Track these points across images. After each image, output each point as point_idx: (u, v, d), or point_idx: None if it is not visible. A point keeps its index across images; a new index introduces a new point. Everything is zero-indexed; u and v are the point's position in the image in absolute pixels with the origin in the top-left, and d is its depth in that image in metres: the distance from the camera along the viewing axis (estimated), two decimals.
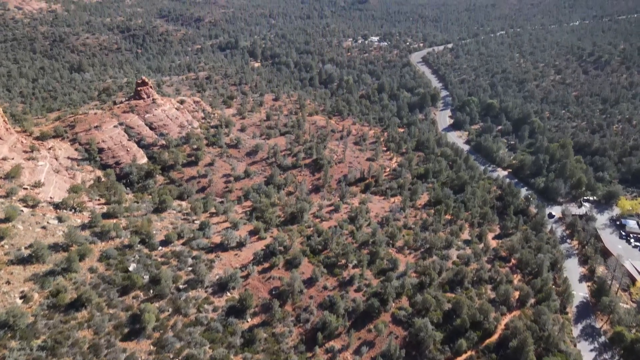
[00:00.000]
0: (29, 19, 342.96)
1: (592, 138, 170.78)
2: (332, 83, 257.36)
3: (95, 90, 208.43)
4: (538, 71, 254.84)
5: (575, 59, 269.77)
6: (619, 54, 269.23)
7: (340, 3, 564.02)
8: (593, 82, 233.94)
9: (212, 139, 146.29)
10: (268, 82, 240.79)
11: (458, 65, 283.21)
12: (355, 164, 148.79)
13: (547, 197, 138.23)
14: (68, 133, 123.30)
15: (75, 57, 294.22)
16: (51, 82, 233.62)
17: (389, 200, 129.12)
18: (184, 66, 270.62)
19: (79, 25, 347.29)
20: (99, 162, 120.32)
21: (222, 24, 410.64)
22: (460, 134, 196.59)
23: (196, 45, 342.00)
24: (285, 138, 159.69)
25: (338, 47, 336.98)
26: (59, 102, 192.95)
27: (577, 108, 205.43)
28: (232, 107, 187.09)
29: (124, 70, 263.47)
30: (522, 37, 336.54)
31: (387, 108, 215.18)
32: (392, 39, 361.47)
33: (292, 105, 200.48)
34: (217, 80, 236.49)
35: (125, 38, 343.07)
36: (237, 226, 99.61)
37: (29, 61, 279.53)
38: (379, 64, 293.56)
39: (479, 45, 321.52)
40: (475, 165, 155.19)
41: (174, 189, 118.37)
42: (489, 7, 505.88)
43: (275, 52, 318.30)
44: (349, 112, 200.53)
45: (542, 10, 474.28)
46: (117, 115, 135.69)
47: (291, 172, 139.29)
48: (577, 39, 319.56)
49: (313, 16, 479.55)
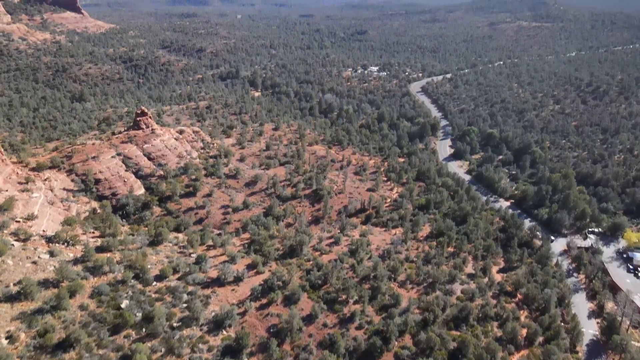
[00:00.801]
0: (32, 49, 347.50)
1: (594, 168, 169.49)
2: (332, 112, 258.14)
3: (95, 120, 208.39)
4: (537, 101, 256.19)
5: (574, 89, 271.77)
6: (617, 84, 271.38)
7: (339, 34, 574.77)
8: (592, 112, 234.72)
9: (210, 170, 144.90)
10: (268, 112, 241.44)
11: (457, 95, 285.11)
12: (356, 194, 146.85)
13: (551, 228, 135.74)
14: (65, 164, 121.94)
15: (77, 86, 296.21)
16: (52, 112, 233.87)
17: (390, 232, 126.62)
18: (184, 96, 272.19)
19: (82, 55, 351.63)
20: (95, 193, 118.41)
21: (223, 54, 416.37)
22: (461, 163, 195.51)
23: (197, 75, 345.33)
24: (284, 168, 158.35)
25: (338, 77, 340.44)
26: (59, 132, 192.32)
27: (577, 138, 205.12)
28: (232, 136, 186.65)
29: (125, 100, 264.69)
30: (519, 68, 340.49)
31: (387, 137, 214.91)
32: (391, 69, 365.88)
33: (292, 134, 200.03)
34: (217, 110, 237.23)
35: (127, 68, 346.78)
36: (235, 260, 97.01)
37: (31, 91, 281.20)
38: (379, 94, 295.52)
39: (478, 76, 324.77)
40: (477, 195, 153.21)
41: (171, 220, 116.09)
42: (486, 39, 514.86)
43: (275, 81, 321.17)
44: (349, 141, 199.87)
45: (538, 42, 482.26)
46: (116, 145, 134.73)
47: (290, 203, 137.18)
48: (574, 69, 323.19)
49: (313, 47, 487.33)
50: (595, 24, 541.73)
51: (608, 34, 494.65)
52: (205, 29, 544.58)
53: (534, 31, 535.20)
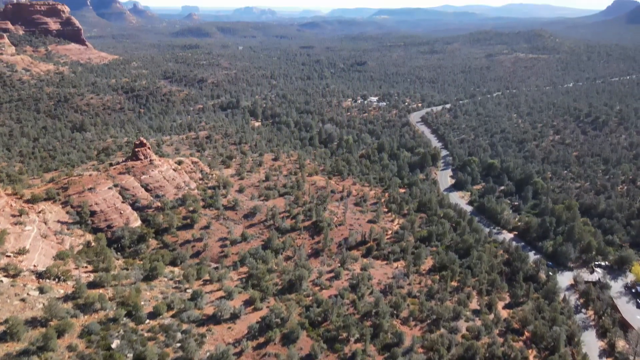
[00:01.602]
0: (35, 80, 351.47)
1: (598, 199, 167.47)
2: (332, 142, 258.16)
3: (94, 150, 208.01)
4: (537, 131, 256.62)
5: (573, 120, 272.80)
6: (616, 114, 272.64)
7: (339, 65, 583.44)
8: (593, 143, 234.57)
9: (209, 201, 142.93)
10: (268, 142, 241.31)
11: (457, 125, 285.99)
12: (356, 226, 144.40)
13: (557, 261, 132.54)
14: (60, 195, 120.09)
15: (78, 116, 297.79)
16: (52, 142, 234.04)
17: (392, 265, 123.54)
18: (185, 125, 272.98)
19: (84, 86, 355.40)
20: (90, 225, 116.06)
21: (224, 84, 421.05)
22: (463, 194, 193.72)
23: (198, 105, 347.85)
24: (284, 199, 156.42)
25: (338, 107, 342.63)
26: (57, 162, 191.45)
27: (578, 168, 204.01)
28: (231, 167, 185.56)
29: (125, 130, 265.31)
30: (518, 98, 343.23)
31: (387, 168, 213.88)
32: (390, 99, 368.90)
33: (291, 165, 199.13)
34: (217, 140, 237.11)
35: (129, 98, 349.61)
36: (232, 295, 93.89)
37: (32, 120, 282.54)
38: (379, 124, 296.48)
39: (477, 106, 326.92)
40: (480, 227, 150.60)
41: (167, 254, 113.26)
42: (483, 70, 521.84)
43: (275, 111, 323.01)
44: (349, 172, 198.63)
45: (535, 73, 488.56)
46: (113, 176, 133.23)
47: (290, 235, 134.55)
48: (572, 100, 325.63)
49: (313, 77, 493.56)
50: (591, 56, 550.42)
51: (604, 65, 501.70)
52: (207, 60, 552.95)
53: (531, 62, 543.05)
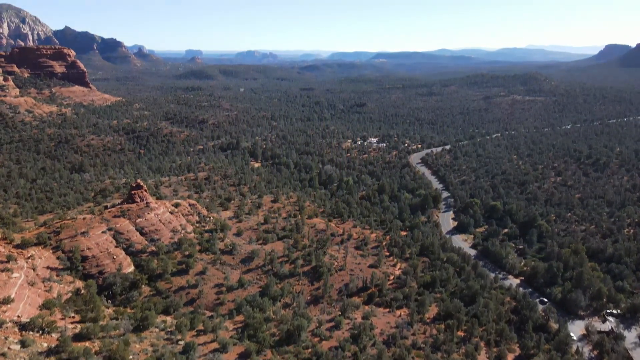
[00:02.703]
0: (38, 121, 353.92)
1: (605, 243, 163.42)
2: (332, 184, 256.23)
3: (92, 192, 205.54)
4: (538, 173, 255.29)
5: (574, 161, 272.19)
6: (616, 156, 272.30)
7: (339, 106, 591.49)
8: (595, 185, 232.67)
9: (205, 245, 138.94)
10: (267, 183, 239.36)
11: (457, 166, 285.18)
12: (357, 271, 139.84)
13: (567, 309, 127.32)
14: (52, 240, 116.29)
15: (78, 157, 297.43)
16: (49, 183, 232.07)
17: (395, 314, 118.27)
18: (184, 166, 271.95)
19: (85, 127, 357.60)
20: (81, 271, 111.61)
21: (225, 125, 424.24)
22: (465, 237, 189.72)
23: (198, 146, 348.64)
24: (283, 243, 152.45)
25: (337, 148, 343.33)
26: (53, 204, 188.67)
27: (582, 211, 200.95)
28: (230, 209, 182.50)
29: (124, 171, 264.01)
30: (517, 140, 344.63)
31: (388, 210, 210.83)
32: (390, 140, 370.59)
33: (291, 207, 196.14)
34: (216, 181, 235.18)
35: (129, 139, 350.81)
36: (227, 348, 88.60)
37: (32, 161, 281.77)
38: (379, 165, 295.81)
39: (476, 147, 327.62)
40: (485, 272, 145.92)
41: (160, 301, 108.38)
42: (482, 111, 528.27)
43: (275, 152, 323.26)
44: (349, 214, 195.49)
45: (533, 115, 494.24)
46: (107, 220, 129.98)
47: (288, 281, 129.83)
48: (572, 141, 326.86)
49: (313, 118, 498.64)
50: (587, 98, 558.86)
51: (600, 107, 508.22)
52: (209, 102, 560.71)
53: (528, 104, 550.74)
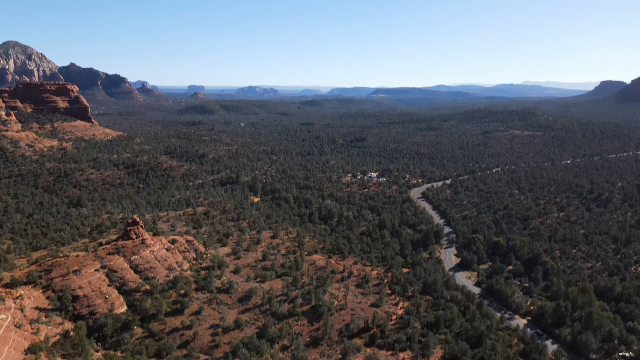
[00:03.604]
0: (38, 155, 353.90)
1: (613, 282, 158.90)
2: (332, 219, 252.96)
3: (88, 227, 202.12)
4: (540, 208, 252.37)
5: (576, 196, 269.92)
6: (619, 191, 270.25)
7: (339, 141, 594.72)
8: (599, 220, 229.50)
9: (202, 283, 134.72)
10: (267, 218, 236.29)
11: (458, 201, 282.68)
12: (358, 310, 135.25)
13: (577, 352, 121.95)
14: (43, 278, 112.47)
15: (76, 192, 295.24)
16: (46, 218, 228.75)
17: (398, 356, 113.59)
18: (183, 201, 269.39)
19: (85, 161, 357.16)
20: (71, 312, 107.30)
21: (225, 159, 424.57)
22: (469, 274, 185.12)
23: (198, 180, 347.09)
24: (282, 281, 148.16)
25: (337, 183, 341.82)
26: (48, 240, 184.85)
27: (588, 247, 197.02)
28: (228, 245, 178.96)
29: (122, 205, 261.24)
30: (518, 174, 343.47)
31: (389, 246, 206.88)
32: (390, 174, 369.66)
33: (290, 243, 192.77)
34: (215, 216, 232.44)
35: (129, 173, 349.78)
36: None
37: (29, 196, 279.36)
38: (379, 200, 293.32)
39: (477, 182, 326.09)
40: (490, 312, 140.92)
41: (152, 344, 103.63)
42: (481, 146, 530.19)
43: (275, 187, 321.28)
44: (349, 250, 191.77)
45: (532, 149, 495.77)
46: (101, 257, 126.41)
47: (287, 321, 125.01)
48: (573, 176, 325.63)
49: (313, 153, 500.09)
50: (586, 133, 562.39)
51: (599, 142, 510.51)
52: (209, 136, 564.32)
53: (527, 139, 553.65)
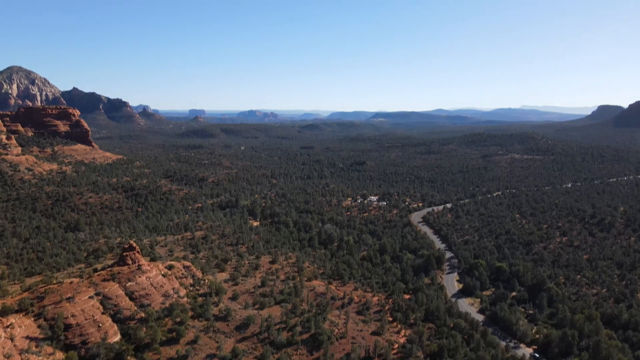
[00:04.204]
0: (37, 179, 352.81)
1: (619, 309, 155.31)
2: (332, 243, 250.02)
3: (84, 252, 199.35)
4: (543, 233, 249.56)
5: (578, 221, 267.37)
6: (621, 216, 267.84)
7: (339, 164, 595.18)
8: (602, 245, 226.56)
9: (198, 310, 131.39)
10: (266, 242, 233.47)
11: (460, 225, 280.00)
12: (359, 339, 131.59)
13: None
14: (35, 306, 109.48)
15: (74, 215, 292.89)
16: (42, 242, 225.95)
17: None
18: (181, 225, 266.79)
19: (84, 185, 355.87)
20: (63, 341, 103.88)
21: (224, 183, 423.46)
22: (472, 301, 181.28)
23: (197, 204, 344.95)
24: (280, 308, 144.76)
25: (337, 207, 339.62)
26: (43, 265, 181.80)
27: (592, 273, 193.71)
28: (226, 271, 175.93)
29: (120, 230, 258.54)
30: (519, 198, 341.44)
31: (390, 271, 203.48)
32: (391, 198, 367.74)
33: (289, 268, 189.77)
34: (214, 240, 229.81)
35: (128, 197, 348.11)
36: None
37: (27, 220, 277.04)
38: (379, 224, 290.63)
39: (478, 206, 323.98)
40: (495, 341, 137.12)
41: None
42: (481, 170, 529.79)
43: (275, 210, 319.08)
44: (350, 275, 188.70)
45: (532, 173, 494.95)
46: (96, 284, 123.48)
47: (286, 350, 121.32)
48: (574, 200, 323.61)
49: (313, 176, 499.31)
50: (585, 157, 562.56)
51: (599, 166, 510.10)
52: (209, 160, 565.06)
53: (527, 163, 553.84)
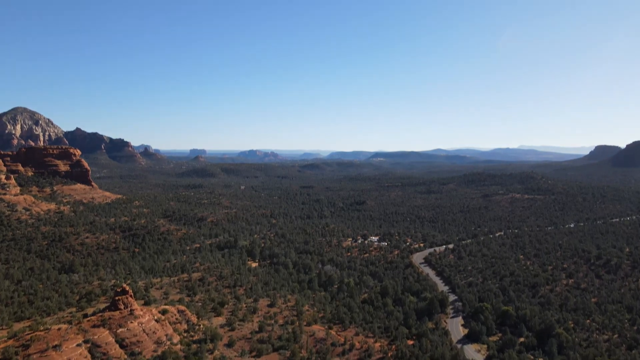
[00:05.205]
0: (34, 219, 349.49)
1: (632, 356, 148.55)
2: (332, 285, 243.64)
3: (77, 295, 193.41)
4: (548, 274, 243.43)
5: (584, 262, 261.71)
6: (627, 257, 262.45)
7: (339, 204, 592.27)
8: (610, 288, 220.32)
9: (192, 358, 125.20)
10: (264, 285, 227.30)
11: (462, 266, 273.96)
12: None
13: None
14: (20, 355, 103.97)
15: (69, 256, 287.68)
16: (35, 284, 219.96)
17: None
18: (178, 266, 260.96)
19: (82, 225, 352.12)
20: None
21: (223, 223, 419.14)
22: (479, 347, 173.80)
23: (195, 244, 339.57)
24: (278, 355, 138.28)
25: (338, 247, 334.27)
26: (34, 309, 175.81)
27: (602, 317, 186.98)
28: (222, 315, 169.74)
29: (115, 271, 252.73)
30: (522, 239, 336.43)
31: (392, 315, 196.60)
32: (391, 238, 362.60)
33: (288, 312, 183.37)
34: (211, 282, 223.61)
35: (125, 237, 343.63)
36: None
37: (21, 261, 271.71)
38: (381, 265, 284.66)
39: (481, 246, 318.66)
40: None
41: None
42: (482, 209, 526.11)
43: (274, 251, 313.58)
44: (351, 319, 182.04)
45: (534, 213, 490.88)
46: (85, 330, 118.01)
47: None
48: (578, 241, 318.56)
49: (313, 216, 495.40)
50: (586, 197, 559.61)
51: (601, 206, 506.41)
52: (209, 199, 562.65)
53: (528, 203, 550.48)
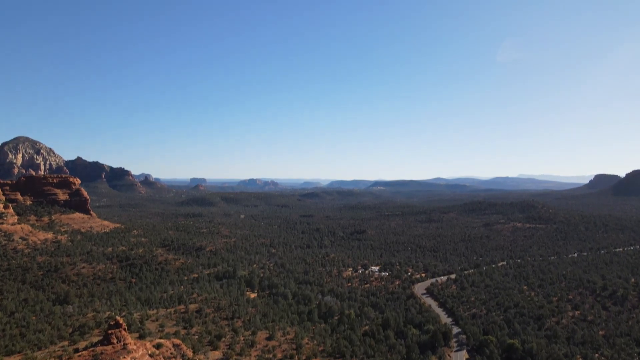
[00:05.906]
0: (30, 249, 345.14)
1: None
2: (332, 317, 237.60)
3: (70, 327, 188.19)
4: (553, 306, 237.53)
5: (589, 293, 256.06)
6: (633, 287, 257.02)
7: (339, 233, 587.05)
8: (617, 320, 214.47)
9: None
10: (263, 316, 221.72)
11: (465, 297, 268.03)
12: None
13: None
14: None
15: (65, 287, 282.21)
16: (27, 317, 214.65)
17: None
18: (175, 297, 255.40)
19: (79, 254, 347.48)
20: None
21: (222, 252, 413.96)
22: None
23: (193, 274, 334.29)
24: None
25: (338, 277, 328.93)
26: (25, 342, 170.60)
27: (610, 351, 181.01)
28: (219, 348, 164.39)
29: (110, 302, 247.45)
30: (525, 269, 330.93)
31: (394, 348, 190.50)
32: (392, 268, 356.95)
33: (287, 345, 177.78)
34: (208, 314, 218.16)
35: (122, 267, 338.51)
36: None
37: (14, 292, 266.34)
38: (382, 296, 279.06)
39: (483, 277, 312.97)
40: None
41: None
42: (483, 238, 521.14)
43: (273, 282, 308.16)
44: (352, 353, 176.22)
45: (536, 242, 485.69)
46: None
47: None
48: (582, 271, 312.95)
49: (313, 245, 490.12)
50: (588, 226, 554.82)
51: (603, 235, 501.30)
52: (208, 228, 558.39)
53: (530, 232, 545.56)
